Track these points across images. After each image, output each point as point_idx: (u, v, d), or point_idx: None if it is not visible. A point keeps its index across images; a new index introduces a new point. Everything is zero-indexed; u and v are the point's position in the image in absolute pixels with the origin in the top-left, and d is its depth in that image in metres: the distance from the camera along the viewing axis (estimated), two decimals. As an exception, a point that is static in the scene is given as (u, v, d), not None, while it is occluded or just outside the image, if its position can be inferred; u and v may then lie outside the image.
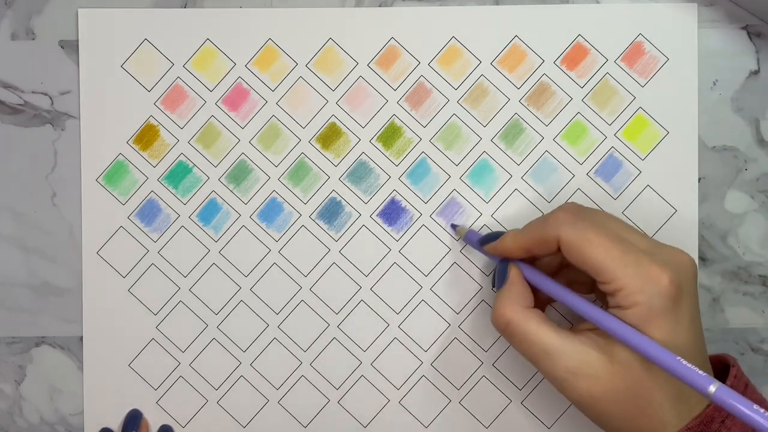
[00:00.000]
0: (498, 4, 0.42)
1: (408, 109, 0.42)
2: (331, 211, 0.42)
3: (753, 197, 0.42)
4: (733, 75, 0.42)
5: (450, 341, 0.42)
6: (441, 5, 0.42)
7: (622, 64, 0.42)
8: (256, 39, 0.42)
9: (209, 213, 0.42)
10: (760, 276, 0.42)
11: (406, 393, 0.42)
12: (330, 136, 0.42)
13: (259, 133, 0.42)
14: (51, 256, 0.42)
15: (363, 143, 0.42)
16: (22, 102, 0.42)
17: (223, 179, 0.42)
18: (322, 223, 0.42)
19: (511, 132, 0.42)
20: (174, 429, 0.42)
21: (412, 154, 0.42)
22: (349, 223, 0.42)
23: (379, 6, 0.42)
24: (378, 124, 0.42)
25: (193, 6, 0.42)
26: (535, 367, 0.35)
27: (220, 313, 0.42)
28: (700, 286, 0.42)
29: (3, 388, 0.43)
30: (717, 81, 0.42)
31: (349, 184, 0.42)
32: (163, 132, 0.42)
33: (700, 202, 0.42)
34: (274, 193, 0.42)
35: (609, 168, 0.42)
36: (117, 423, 0.42)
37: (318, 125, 0.42)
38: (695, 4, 0.41)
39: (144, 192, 0.42)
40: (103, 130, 0.42)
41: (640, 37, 0.41)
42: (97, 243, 0.42)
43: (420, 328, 0.42)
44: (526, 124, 0.42)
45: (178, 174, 0.42)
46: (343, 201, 0.42)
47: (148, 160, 0.42)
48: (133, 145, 0.42)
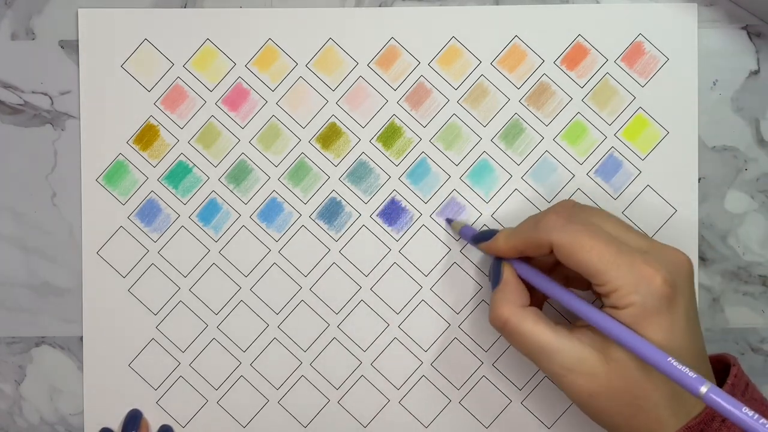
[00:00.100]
0: (498, 4, 0.42)
1: (408, 109, 0.42)
2: (331, 211, 0.42)
3: (753, 197, 0.42)
4: (733, 75, 0.42)
5: (450, 341, 0.42)
6: (441, 5, 0.42)
7: (622, 64, 0.42)
8: (256, 39, 0.42)
9: (209, 213, 0.42)
10: (760, 276, 0.42)
11: (406, 393, 0.42)
12: (330, 136, 0.42)
13: (259, 133, 0.42)
14: (51, 256, 0.42)
15: (363, 143, 0.42)
16: (22, 102, 0.42)
17: (223, 179, 0.42)
18: (322, 223, 0.42)
19: (511, 132, 0.42)
20: (174, 429, 0.42)
21: (412, 154, 0.42)
22: (349, 223, 0.42)
23: (379, 6, 0.42)
24: (378, 124, 0.42)
25: (193, 6, 0.42)
26: (536, 365, 0.35)
27: (220, 313, 0.42)
28: (700, 286, 0.42)
29: (3, 388, 0.43)
30: (717, 81, 0.42)
31: (349, 184, 0.42)
32: (163, 132, 0.42)
33: (700, 202, 0.42)
34: (274, 193, 0.42)
35: (609, 168, 0.42)
36: (117, 423, 0.42)
37: (318, 125, 0.42)
38: (695, 4, 0.41)
39: (144, 192, 0.42)
40: (103, 130, 0.42)
41: (640, 37, 0.41)
42: (97, 243, 0.42)
43: (420, 328, 0.42)
44: (526, 124, 0.42)
45: (178, 174, 0.42)
46: (343, 201, 0.42)
47: (148, 160, 0.42)
48: (133, 145, 0.42)
